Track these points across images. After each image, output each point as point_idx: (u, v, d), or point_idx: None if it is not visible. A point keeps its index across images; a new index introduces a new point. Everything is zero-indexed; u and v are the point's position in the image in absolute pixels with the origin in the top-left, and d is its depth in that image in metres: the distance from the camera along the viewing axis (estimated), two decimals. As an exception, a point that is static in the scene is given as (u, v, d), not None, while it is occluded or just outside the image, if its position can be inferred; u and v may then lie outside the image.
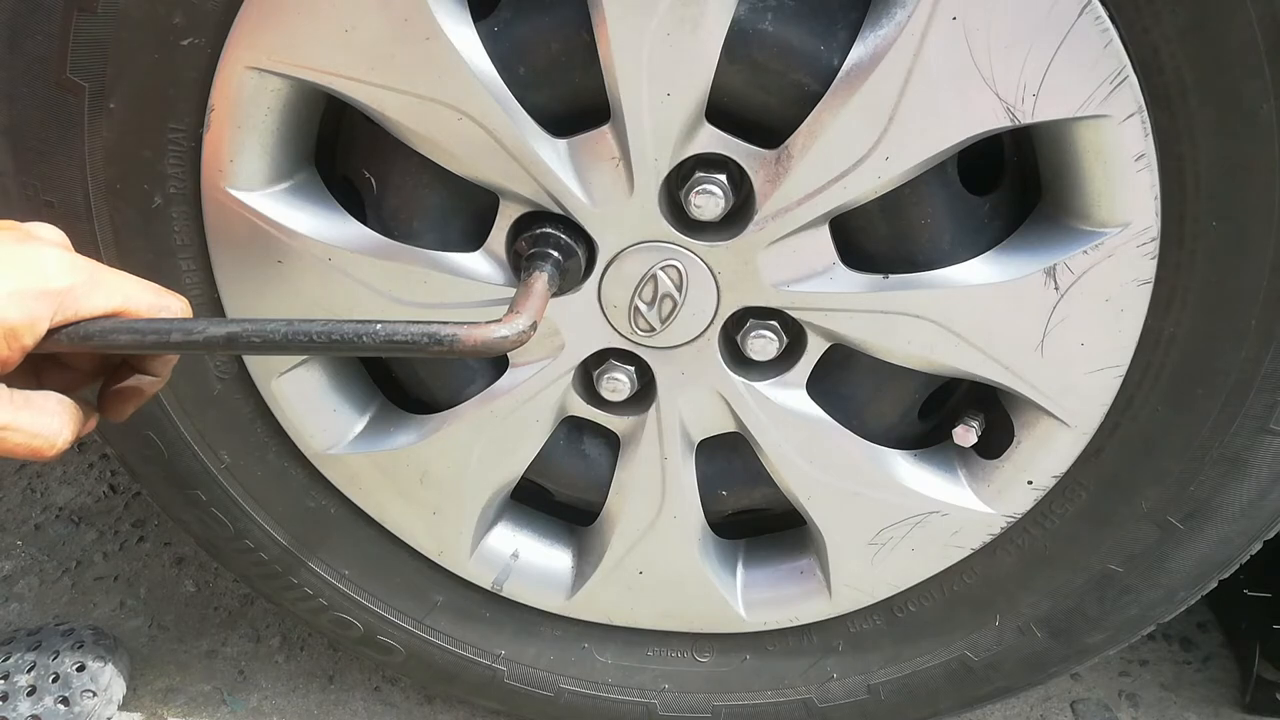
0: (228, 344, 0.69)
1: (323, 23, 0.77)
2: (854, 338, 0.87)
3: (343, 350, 0.69)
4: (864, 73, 0.75)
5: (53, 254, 0.67)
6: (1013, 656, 1.03)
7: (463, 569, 1.06)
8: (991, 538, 0.96)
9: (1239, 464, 0.88)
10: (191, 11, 0.77)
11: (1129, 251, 0.80)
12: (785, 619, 1.04)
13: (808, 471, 0.94)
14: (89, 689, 1.17)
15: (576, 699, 1.11)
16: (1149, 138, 0.75)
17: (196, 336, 0.68)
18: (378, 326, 0.68)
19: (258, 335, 0.68)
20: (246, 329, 0.68)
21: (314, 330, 0.68)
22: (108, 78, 0.80)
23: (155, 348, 0.69)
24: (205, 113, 0.81)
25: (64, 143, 0.83)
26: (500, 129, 0.79)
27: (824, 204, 0.80)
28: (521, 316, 0.74)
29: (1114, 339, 0.84)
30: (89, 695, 1.17)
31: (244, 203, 0.85)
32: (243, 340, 0.69)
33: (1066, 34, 0.72)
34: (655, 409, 0.94)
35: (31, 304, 0.64)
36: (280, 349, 0.69)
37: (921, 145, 0.77)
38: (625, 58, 0.76)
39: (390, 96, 0.79)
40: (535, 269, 0.82)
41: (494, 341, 0.71)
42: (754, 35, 0.77)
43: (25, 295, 0.64)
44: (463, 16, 0.78)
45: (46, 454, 0.68)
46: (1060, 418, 0.88)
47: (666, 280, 0.86)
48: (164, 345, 0.69)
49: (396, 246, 0.87)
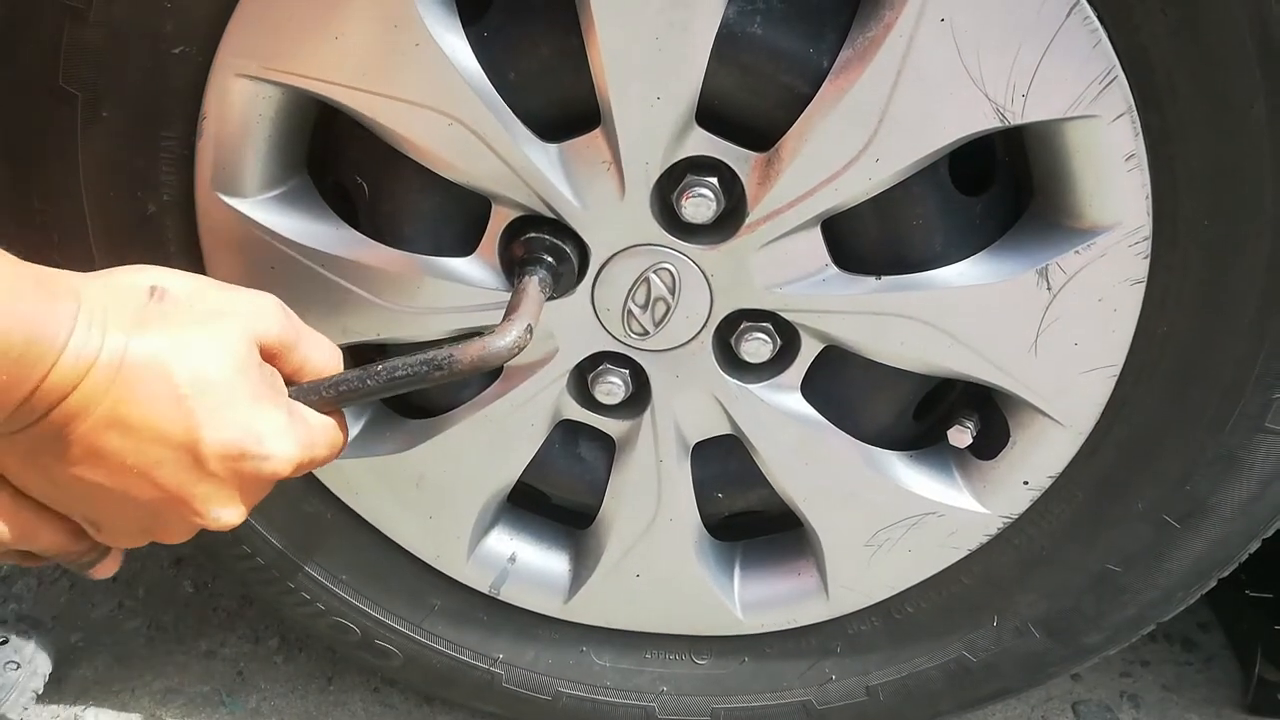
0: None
1: (312, 30, 0.77)
2: (847, 339, 0.87)
3: (354, 400, 0.72)
4: (853, 75, 0.75)
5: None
6: (1011, 657, 1.03)
7: (460, 573, 1.06)
8: (988, 538, 0.96)
9: (1235, 463, 0.88)
10: (182, 20, 0.77)
11: (1121, 251, 0.79)
12: (783, 621, 1.04)
13: (803, 473, 0.94)
14: (12, 661, 1.18)
15: (574, 702, 1.11)
16: (1139, 137, 0.75)
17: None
18: (379, 369, 0.71)
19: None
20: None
21: (322, 388, 0.71)
22: (100, 86, 0.80)
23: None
24: (198, 120, 0.82)
25: (57, 151, 0.83)
26: (491, 134, 0.79)
27: (815, 206, 0.80)
28: (516, 323, 0.74)
29: (1107, 339, 0.83)
30: (12, 667, 1.18)
31: (237, 209, 0.85)
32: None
33: (1055, 34, 0.72)
34: (650, 412, 0.94)
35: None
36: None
37: (912, 147, 0.77)
38: (615, 62, 0.76)
39: (380, 103, 0.79)
40: (528, 274, 0.82)
41: (491, 354, 0.72)
42: (743, 38, 0.77)
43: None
44: (452, 22, 0.78)
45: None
46: (1055, 418, 0.88)
47: (659, 283, 0.86)
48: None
49: (389, 252, 0.87)
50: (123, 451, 0.59)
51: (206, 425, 0.60)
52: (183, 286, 0.63)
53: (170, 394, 0.59)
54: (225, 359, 0.61)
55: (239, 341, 0.63)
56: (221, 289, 0.66)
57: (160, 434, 0.59)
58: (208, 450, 0.61)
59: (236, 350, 0.62)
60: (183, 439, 0.60)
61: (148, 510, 0.63)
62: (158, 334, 0.59)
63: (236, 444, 0.62)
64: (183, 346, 0.60)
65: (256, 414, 0.63)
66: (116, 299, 0.59)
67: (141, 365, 0.58)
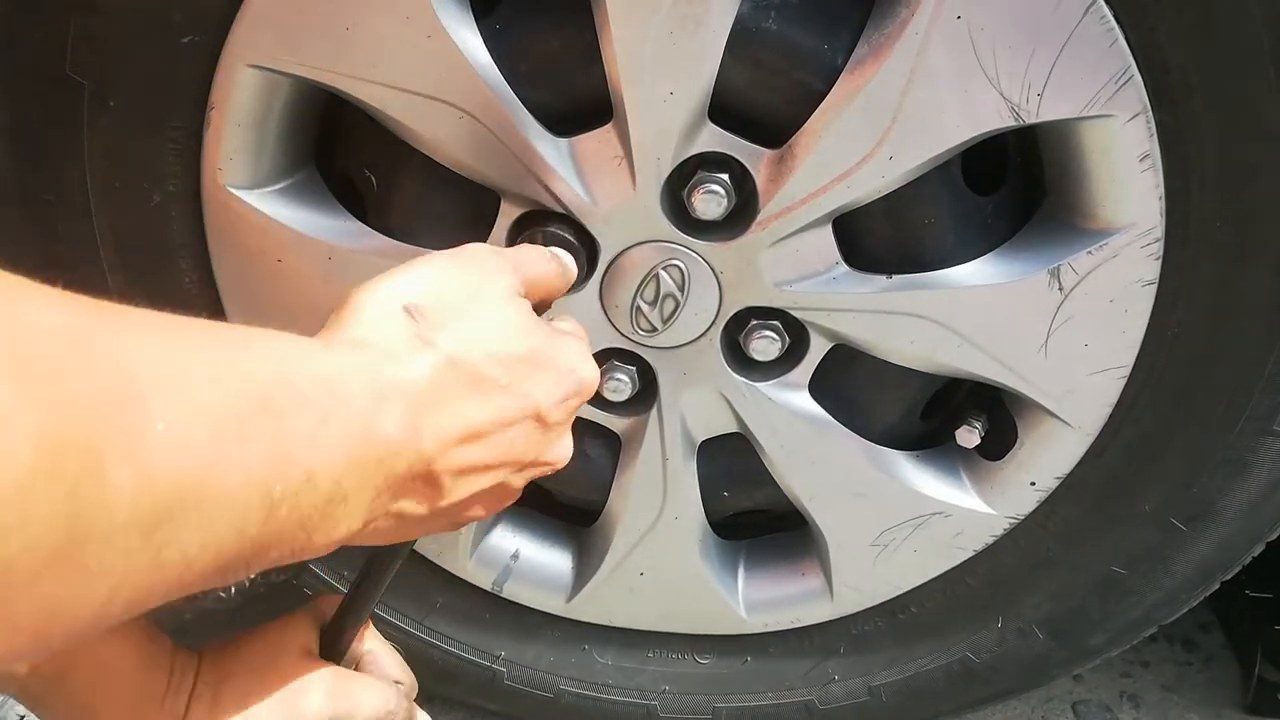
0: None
1: (323, 20, 0.76)
2: (857, 338, 0.87)
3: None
4: (867, 72, 0.75)
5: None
6: (1014, 658, 1.03)
7: (462, 570, 1.05)
8: (994, 539, 0.96)
9: (1242, 465, 0.88)
10: (192, 9, 0.77)
11: (1133, 252, 0.79)
12: (787, 621, 1.04)
13: (810, 472, 0.94)
14: None
15: (577, 700, 1.11)
16: (1154, 138, 0.75)
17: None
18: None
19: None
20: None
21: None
22: (107, 75, 0.79)
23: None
24: (205, 110, 0.81)
25: (63, 141, 0.82)
26: (502, 128, 0.79)
27: (827, 204, 0.80)
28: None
29: (1118, 340, 0.83)
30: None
31: (244, 201, 0.84)
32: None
33: (1071, 33, 0.72)
34: (657, 409, 0.93)
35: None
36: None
37: (925, 145, 0.77)
38: (628, 56, 0.75)
39: (391, 95, 0.79)
40: None
41: None
42: (757, 34, 0.76)
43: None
44: (464, 14, 0.78)
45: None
46: (1063, 419, 0.88)
47: (668, 280, 0.86)
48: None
49: (397, 245, 0.87)
50: (483, 455, 0.61)
51: (534, 392, 0.63)
52: (423, 289, 0.61)
53: (489, 385, 0.60)
54: (508, 329, 0.63)
55: (506, 306, 0.64)
56: (453, 265, 0.65)
57: (503, 421, 0.61)
58: (546, 410, 0.64)
59: (510, 316, 0.64)
60: (524, 413, 0.62)
61: (510, 490, 0.66)
62: (444, 344, 0.59)
63: (561, 389, 0.65)
64: (470, 341, 0.60)
65: (556, 354, 0.65)
66: (388, 353, 0.57)
67: (451, 380, 0.58)
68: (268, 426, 0.46)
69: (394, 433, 0.54)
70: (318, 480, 0.49)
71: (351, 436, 0.51)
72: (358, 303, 0.59)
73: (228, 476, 0.43)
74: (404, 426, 0.55)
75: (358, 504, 0.52)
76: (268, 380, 0.48)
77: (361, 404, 0.52)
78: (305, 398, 0.49)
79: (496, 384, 0.60)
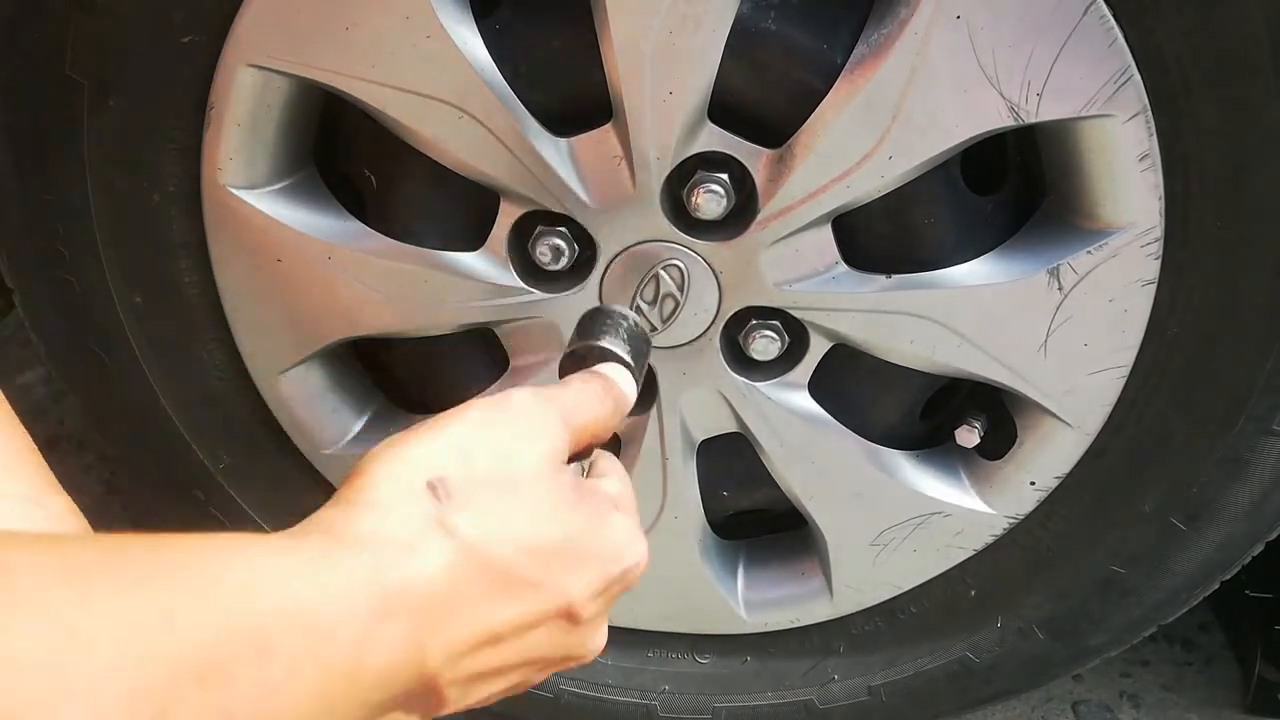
0: None
1: (323, 20, 0.77)
2: (857, 338, 0.87)
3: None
4: (867, 71, 0.75)
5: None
6: (1014, 658, 1.03)
7: (462, 569, 1.05)
8: (994, 539, 0.96)
9: (1242, 465, 0.88)
10: (192, 9, 0.77)
11: (1133, 252, 0.79)
12: (786, 620, 1.04)
13: (810, 472, 0.94)
14: None
15: (576, 700, 1.11)
16: (1153, 138, 0.75)
17: None
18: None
19: None
20: None
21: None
22: (107, 75, 0.79)
23: None
24: (205, 110, 0.81)
25: (64, 140, 0.82)
26: (502, 127, 0.79)
27: (827, 203, 0.80)
28: None
29: (1117, 339, 0.83)
30: None
31: (244, 200, 0.84)
32: None
33: (1071, 33, 0.72)
34: (657, 409, 0.93)
35: None
36: None
37: (925, 144, 0.77)
38: (628, 56, 0.75)
39: (391, 94, 0.79)
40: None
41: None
42: (757, 34, 0.76)
43: None
44: (464, 14, 0.78)
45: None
46: (1063, 418, 0.88)
47: (668, 280, 0.86)
48: None
49: (397, 245, 0.87)
50: (499, 661, 0.51)
51: (569, 586, 0.52)
52: (452, 457, 0.51)
53: (518, 584, 0.50)
54: (544, 509, 0.53)
55: (546, 480, 0.54)
56: (488, 423, 0.54)
57: (527, 623, 0.51)
58: (580, 606, 0.53)
59: (549, 493, 0.53)
60: (554, 611, 0.52)
61: (528, 685, 0.55)
62: (467, 530, 0.49)
63: (602, 580, 0.54)
64: (499, 527, 0.50)
65: (598, 538, 0.54)
66: (399, 547, 0.47)
67: (471, 577, 0.49)
68: (203, 701, 0.38)
69: (391, 657, 0.45)
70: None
71: (332, 676, 0.43)
72: (372, 476, 0.49)
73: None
74: (405, 645, 0.46)
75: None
76: (217, 634, 0.39)
77: (351, 633, 0.43)
78: (267, 648, 0.40)
79: (526, 582, 0.50)
